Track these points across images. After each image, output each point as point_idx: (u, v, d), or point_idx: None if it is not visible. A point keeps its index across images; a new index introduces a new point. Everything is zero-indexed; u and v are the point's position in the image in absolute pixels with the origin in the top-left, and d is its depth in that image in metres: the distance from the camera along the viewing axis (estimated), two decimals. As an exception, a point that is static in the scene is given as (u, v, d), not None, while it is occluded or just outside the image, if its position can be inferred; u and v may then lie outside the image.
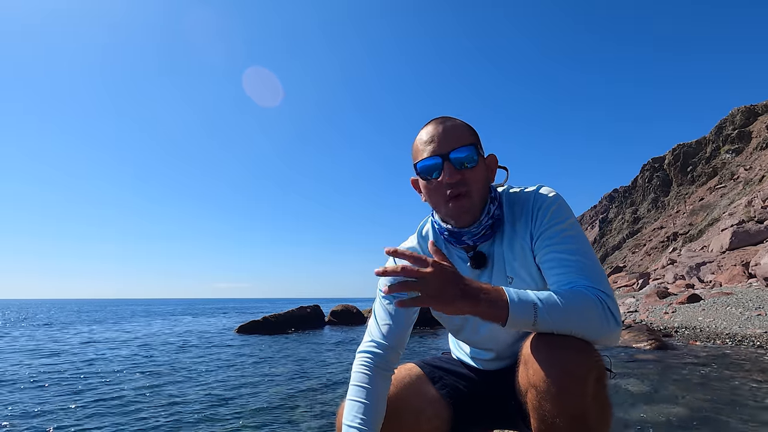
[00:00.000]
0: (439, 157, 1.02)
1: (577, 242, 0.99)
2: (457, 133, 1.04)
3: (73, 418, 3.88)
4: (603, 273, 0.96)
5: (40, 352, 8.73)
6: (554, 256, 0.98)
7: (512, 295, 0.84)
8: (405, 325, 1.14)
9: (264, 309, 35.49)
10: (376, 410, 1.03)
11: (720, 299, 10.44)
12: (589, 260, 0.96)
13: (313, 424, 3.54)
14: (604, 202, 66.54)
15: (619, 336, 0.91)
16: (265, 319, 13.10)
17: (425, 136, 1.06)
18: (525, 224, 1.06)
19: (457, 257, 1.15)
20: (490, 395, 1.19)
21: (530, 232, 1.05)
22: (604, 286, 0.92)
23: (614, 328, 0.88)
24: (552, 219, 1.02)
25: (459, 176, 1.01)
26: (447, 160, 1.01)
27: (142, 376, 5.96)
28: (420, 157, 1.05)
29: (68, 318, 24.93)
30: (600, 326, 0.86)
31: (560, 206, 1.04)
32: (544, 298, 0.85)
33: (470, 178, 1.03)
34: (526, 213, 1.06)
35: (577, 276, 0.93)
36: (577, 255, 0.96)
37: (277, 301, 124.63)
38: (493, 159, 1.11)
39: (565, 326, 0.85)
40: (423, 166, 1.05)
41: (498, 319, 0.83)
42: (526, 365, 0.87)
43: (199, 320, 20.93)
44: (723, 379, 4.50)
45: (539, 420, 0.85)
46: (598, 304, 0.87)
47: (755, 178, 31.27)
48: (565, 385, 0.81)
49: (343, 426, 1.01)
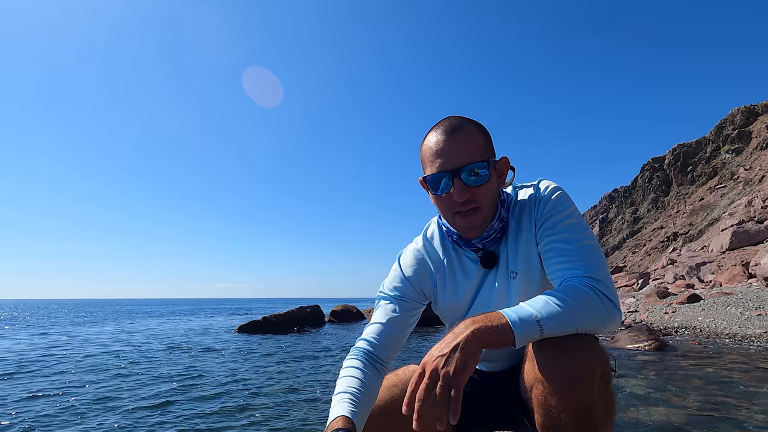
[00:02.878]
0: (449, 173, 0.99)
1: (577, 231, 0.99)
2: (468, 146, 1.00)
3: (70, 418, 3.89)
4: (602, 260, 0.96)
5: (39, 352, 8.73)
6: (553, 246, 0.99)
7: (511, 317, 0.83)
8: (402, 327, 1.14)
9: (264, 309, 35.49)
10: (368, 391, 1.00)
11: (720, 299, 10.44)
12: (588, 248, 0.96)
13: (314, 424, 3.55)
14: (604, 202, 66.50)
15: (620, 320, 0.91)
16: (265, 319, 13.11)
17: (434, 146, 1.02)
18: (530, 217, 1.07)
19: (466, 258, 1.16)
20: (492, 395, 1.20)
21: (534, 223, 1.06)
22: (600, 273, 0.92)
23: (615, 315, 0.89)
24: (552, 209, 1.03)
25: (468, 194, 0.99)
26: (457, 176, 0.98)
27: (142, 375, 5.96)
28: (429, 169, 1.03)
29: (68, 318, 24.92)
30: (601, 318, 0.87)
31: (561, 196, 1.05)
32: (542, 308, 0.85)
33: (480, 195, 1.00)
34: (529, 206, 1.08)
35: (573, 265, 0.94)
36: (575, 244, 0.97)
37: (276, 301, 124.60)
38: (505, 161, 1.08)
39: (569, 327, 0.86)
40: (432, 181, 1.02)
41: (507, 343, 0.82)
42: (533, 361, 0.88)
43: (199, 320, 20.93)
44: (723, 379, 4.50)
45: (544, 415, 0.85)
46: (594, 296, 0.87)
47: (755, 178, 31.26)
48: (572, 380, 0.81)
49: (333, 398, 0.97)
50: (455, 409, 0.76)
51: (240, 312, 31.49)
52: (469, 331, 0.81)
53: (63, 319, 24.06)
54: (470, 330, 0.81)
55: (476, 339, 0.80)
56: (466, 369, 0.78)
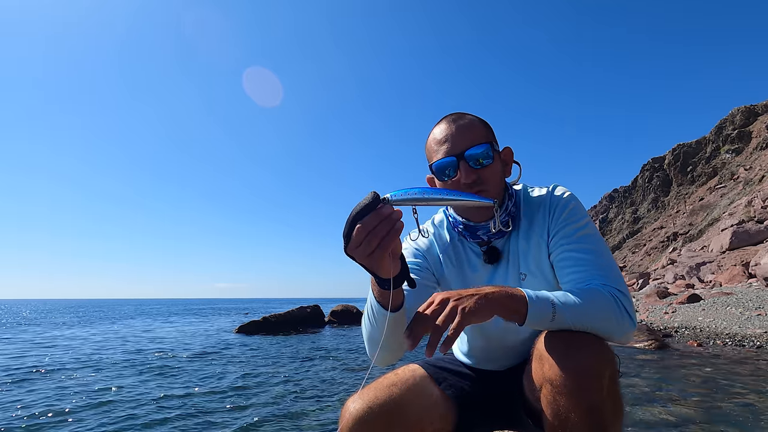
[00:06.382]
0: (454, 156, 1.03)
1: (593, 242, 1.01)
2: (472, 131, 1.05)
3: (70, 417, 3.88)
4: (619, 272, 0.98)
5: (39, 352, 8.72)
6: (569, 255, 1.00)
7: (529, 293, 0.86)
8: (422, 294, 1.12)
9: (264, 309, 35.48)
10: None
11: (720, 299, 10.44)
12: (605, 259, 0.98)
13: (314, 424, 3.55)
14: (604, 202, 66.46)
15: (632, 335, 0.92)
16: (264, 319, 13.09)
17: (439, 135, 1.07)
18: (543, 221, 1.08)
19: (471, 251, 1.17)
20: (495, 395, 1.20)
21: (547, 229, 1.07)
22: (620, 284, 0.94)
23: (629, 327, 0.90)
24: (568, 218, 1.04)
25: (475, 176, 1.03)
26: (462, 159, 1.03)
27: (142, 375, 5.95)
28: (435, 157, 1.06)
29: (67, 318, 24.92)
30: (616, 324, 0.88)
31: (577, 206, 1.07)
32: (561, 296, 0.87)
33: (486, 176, 1.04)
34: (543, 210, 1.08)
35: (592, 274, 0.95)
36: (593, 254, 0.98)
37: (276, 301, 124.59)
38: (509, 152, 1.12)
39: (581, 323, 0.86)
40: (438, 166, 1.06)
41: (518, 314, 0.84)
42: (541, 361, 0.88)
43: (199, 320, 20.91)
44: (723, 379, 4.50)
45: (553, 415, 0.85)
46: (613, 302, 0.89)
47: (755, 178, 31.26)
48: (581, 380, 0.82)
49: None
50: (447, 343, 0.79)
51: (240, 312, 31.48)
52: (489, 290, 0.85)
53: (61, 320, 24.05)
54: (491, 290, 0.85)
55: (494, 299, 0.83)
56: (477, 315, 0.80)
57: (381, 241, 0.76)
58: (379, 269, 0.82)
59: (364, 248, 0.77)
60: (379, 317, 0.96)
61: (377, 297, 0.94)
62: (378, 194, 0.78)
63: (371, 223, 0.76)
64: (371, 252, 0.77)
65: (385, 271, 0.82)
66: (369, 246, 0.77)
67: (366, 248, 0.77)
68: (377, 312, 0.96)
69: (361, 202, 0.77)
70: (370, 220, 0.76)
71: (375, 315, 0.98)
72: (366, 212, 0.76)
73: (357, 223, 0.76)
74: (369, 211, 0.76)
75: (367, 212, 0.76)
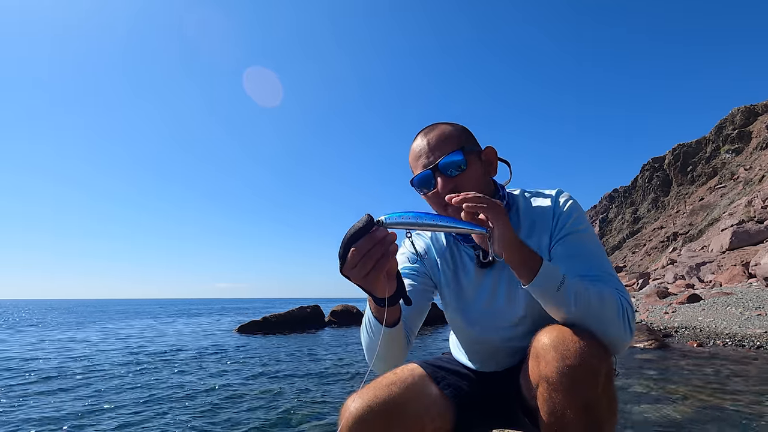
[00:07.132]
0: (429, 170, 1.06)
1: (599, 251, 1.03)
2: (444, 141, 1.07)
3: (74, 418, 3.89)
4: (622, 283, 0.99)
5: (40, 352, 8.73)
6: (577, 262, 1.01)
7: (545, 261, 0.89)
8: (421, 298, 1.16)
9: (264, 309, 35.48)
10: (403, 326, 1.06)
11: (720, 299, 10.44)
12: (610, 269, 1.00)
13: (314, 423, 3.55)
14: (604, 202, 66.47)
15: (627, 347, 0.93)
16: (265, 319, 13.11)
17: (415, 150, 1.11)
18: (545, 226, 1.08)
19: (465, 254, 1.17)
20: (493, 395, 1.20)
21: (550, 235, 1.07)
22: (628, 296, 0.96)
23: (627, 336, 0.91)
24: (573, 226, 1.05)
25: (451, 184, 1.04)
26: (437, 170, 1.05)
27: (142, 375, 5.96)
28: (414, 173, 1.10)
29: (66, 318, 24.92)
30: (616, 328, 0.89)
31: (581, 214, 1.08)
32: (573, 279, 0.90)
33: (463, 183, 1.05)
34: (547, 216, 1.09)
35: (604, 280, 0.97)
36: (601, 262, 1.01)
37: (277, 301, 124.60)
38: (491, 151, 1.12)
39: (582, 310, 0.88)
40: (417, 182, 1.09)
41: (530, 270, 0.88)
42: (538, 359, 0.88)
43: (199, 320, 20.93)
44: (723, 378, 4.51)
45: (549, 413, 0.86)
46: (620, 306, 0.90)
47: (755, 178, 31.27)
48: (578, 377, 0.82)
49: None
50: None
51: (240, 312, 31.49)
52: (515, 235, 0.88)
53: (61, 319, 24.04)
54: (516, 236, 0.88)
55: (513, 240, 0.87)
56: (503, 234, 0.85)
57: (375, 263, 0.78)
58: (374, 290, 0.84)
59: (359, 270, 0.79)
60: (376, 330, 1.00)
61: (374, 312, 0.99)
62: (372, 217, 0.79)
63: (365, 247, 0.77)
64: (366, 274, 0.79)
65: (381, 291, 0.84)
66: (364, 268, 0.78)
67: (361, 270, 0.79)
68: (374, 325, 1.01)
69: (356, 224, 0.78)
70: (365, 243, 0.77)
71: (372, 327, 1.02)
72: (360, 235, 0.77)
73: (351, 246, 0.78)
74: (363, 234, 0.78)
75: (361, 235, 0.77)
